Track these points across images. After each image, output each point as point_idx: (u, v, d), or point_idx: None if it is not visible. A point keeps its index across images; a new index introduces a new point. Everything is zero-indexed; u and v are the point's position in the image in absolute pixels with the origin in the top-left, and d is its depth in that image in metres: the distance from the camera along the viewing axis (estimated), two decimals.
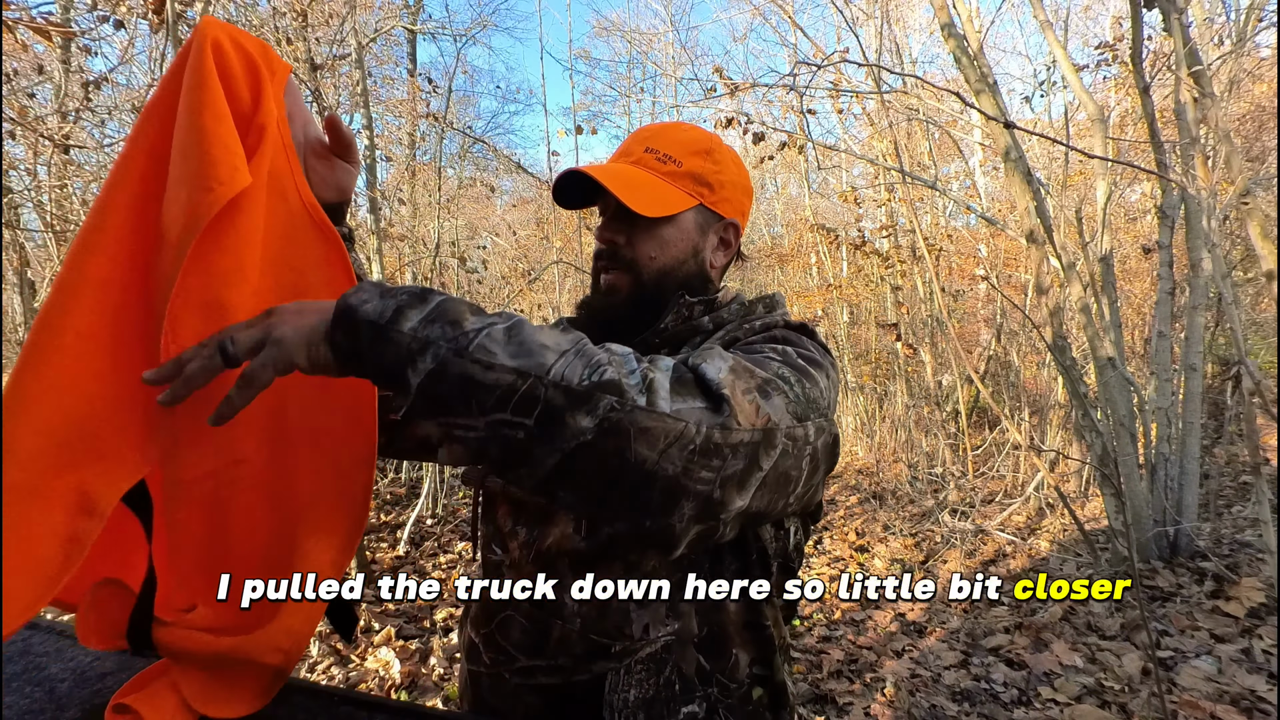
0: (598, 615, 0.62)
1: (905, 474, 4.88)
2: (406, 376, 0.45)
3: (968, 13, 3.07)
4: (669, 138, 0.73)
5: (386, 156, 6.41)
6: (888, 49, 5.84)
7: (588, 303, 0.77)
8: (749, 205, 0.79)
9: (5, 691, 0.57)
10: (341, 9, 3.72)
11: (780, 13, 5.77)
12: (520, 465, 0.46)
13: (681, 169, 0.72)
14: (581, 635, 0.62)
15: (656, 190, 0.70)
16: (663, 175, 0.71)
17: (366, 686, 2.21)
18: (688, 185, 0.72)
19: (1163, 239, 2.81)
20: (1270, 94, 4.58)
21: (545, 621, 0.64)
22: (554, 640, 0.63)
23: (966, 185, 6.72)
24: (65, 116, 3.36)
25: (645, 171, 0.71)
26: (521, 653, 0.64)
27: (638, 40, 11.46)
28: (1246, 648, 2.09)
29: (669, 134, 0.74)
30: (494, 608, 0.67)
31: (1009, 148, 2.77)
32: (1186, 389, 2.70)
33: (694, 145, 0.73)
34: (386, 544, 3.69)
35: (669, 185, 0.71)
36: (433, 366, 0.44)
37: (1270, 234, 2.43)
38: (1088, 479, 4.00)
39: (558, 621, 0.63)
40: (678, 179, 0.72)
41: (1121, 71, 4.06)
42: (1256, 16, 3.28)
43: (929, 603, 2.78)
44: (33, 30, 1.89)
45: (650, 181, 0.70)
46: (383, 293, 0.47)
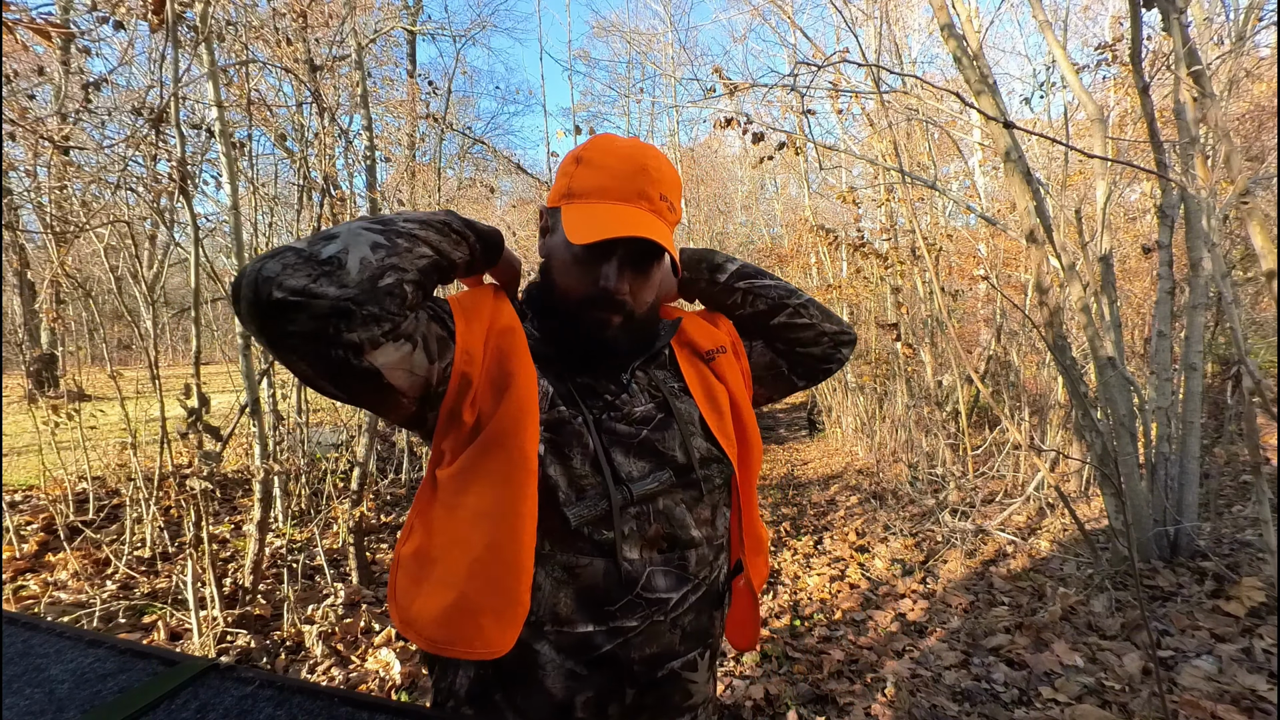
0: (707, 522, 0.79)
1: (905, 474, 4.88)
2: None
3: (967, 13, 3.07)
4: (669, 182, 0.75)
5: (386, 157, 6.41)
6: (887, 49, 5.84)
7: (568, 338, 0.76)
8: None
9: (5, 692, 0.57)
10: (341, 10, 3.72)
11: (780, 13, 5.77)
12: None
13: (675, 217, 0.77)
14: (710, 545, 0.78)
15: (672, 245, 0.73)
16: (669, 225, 0.75)
17: (367, 687, 2.21)
18: (673, 228, 0.78)
19: (1162, 239, 2.80)
20: (1270, 93, 4.57)
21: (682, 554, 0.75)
22: (693, 564, 0.75)
23: (966, 185, 6.72)
24: (65, 118, 3.36)
25: (664, 224, 0.74)
26: (675, 591, 0.73)
27: (637, 41, 11.46)
28: (1247, 647, 2.09)
29: (669, 176, 0.76)
30: (624, 574, 0.71)
31: (1009, 148, 2.77)
32: (1186, 389, 2.70)
33: (679, 188, 0.78)
34: (387, 544, 3.69)
35: (670, 234, 0.75)
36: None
37: (1270, 234, 2.43)
38: (1088, 479, 3.99)
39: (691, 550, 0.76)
40: (672, 227, 0.77)
41: (1121, 71, 4.06)
42: (1256, 16, 3.28)
43: (929, 602, 2.78)
44: (32, 31, 1.89)
45: (668, 237, 0.73)
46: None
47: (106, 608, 2.60)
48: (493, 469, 0.67)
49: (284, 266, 0.55)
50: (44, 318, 5.41)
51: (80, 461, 3.91)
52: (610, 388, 0.78)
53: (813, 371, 0.96)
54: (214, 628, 2.40)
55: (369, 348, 0.59)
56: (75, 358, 5.54)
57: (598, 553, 0.69)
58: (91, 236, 3.40)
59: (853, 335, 0.96)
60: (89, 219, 3.13)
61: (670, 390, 0.82)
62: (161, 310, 3.60)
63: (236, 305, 0.57)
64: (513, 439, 0.67)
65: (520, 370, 0.70)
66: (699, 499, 0.77)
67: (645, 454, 0.75)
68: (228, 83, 3.09)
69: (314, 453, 3.95)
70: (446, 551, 0.67)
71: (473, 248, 0.75)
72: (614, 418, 0.75)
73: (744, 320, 0.94)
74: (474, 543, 0.65)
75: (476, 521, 0.66)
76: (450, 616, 0.65)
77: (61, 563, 3.04)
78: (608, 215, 0.70)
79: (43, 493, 3.70)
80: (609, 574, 0.69)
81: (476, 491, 0.67)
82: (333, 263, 0.57)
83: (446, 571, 0.66)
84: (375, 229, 0.63)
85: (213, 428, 2.36)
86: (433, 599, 0.66)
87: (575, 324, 0.75)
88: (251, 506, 2.88)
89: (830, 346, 0.94)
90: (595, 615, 0.69)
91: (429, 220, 0.69)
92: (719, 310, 0.95)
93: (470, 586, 0.65)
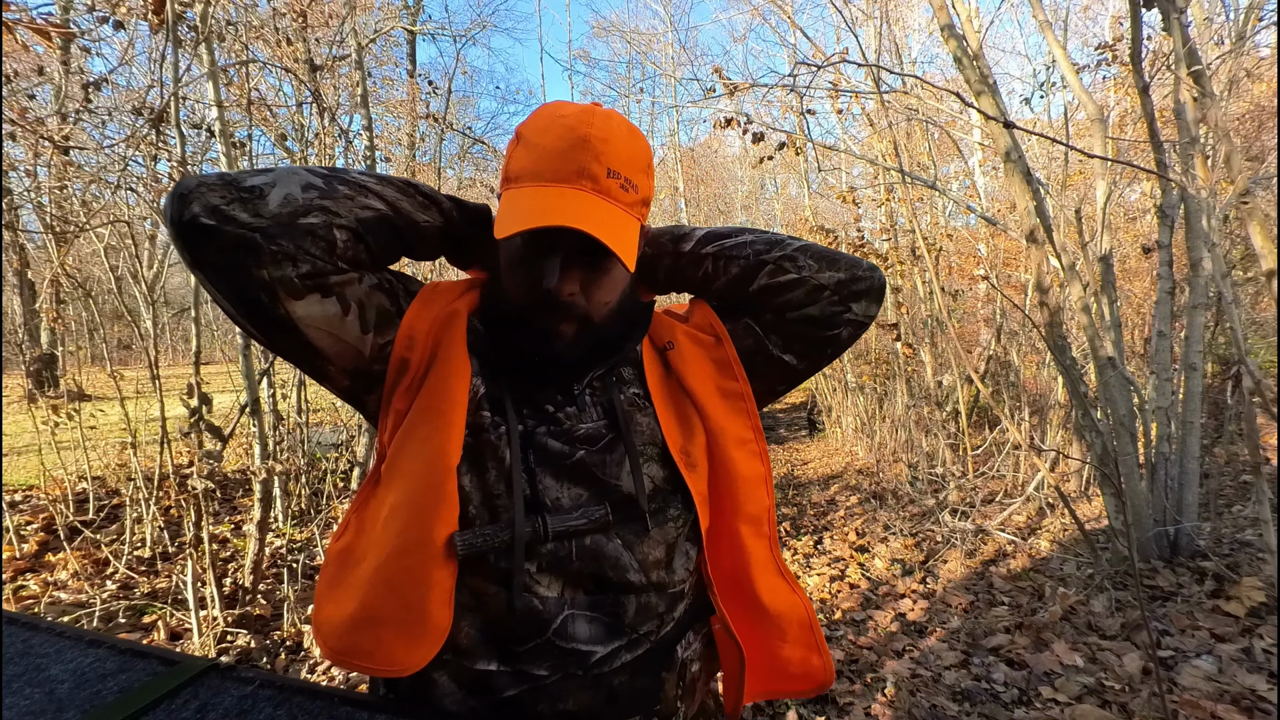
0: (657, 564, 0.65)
1: (905, 474, 4.88)
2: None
3: (967, 13, 3.07)
4: (625, 155, 0.61)
5: (386, 157, 6.41)
6: (887, 49, 5.84)
7: (515, 349, 0.66)
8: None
9: (5, 692, 0.57)
10: (341, 10, 3.72)
11: (780, 13, 5.77)
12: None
13: (638, 195, 0.63)
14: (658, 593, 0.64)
15: (629, 233, 0.61)
16: (626, 207, 0.62)
17: (366, 687, 2.20)
18: (638, 211, 0.64)
19: (1162, 238, 2.80)
20: (1270, 93, 4.57)
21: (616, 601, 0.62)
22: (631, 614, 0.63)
23: (966, 185, 6.72)
24: (65, 117, 3.36)
25: (616, 207, 0.60)
26: (596, 644, 0.61)
27: (637, 40, 11.46)
28: (1247, 647, 2.09)
29: (623, 148, 0.61)
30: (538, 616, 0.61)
31: (1009, 148, 2.77)
32: (1186, 388, 2.70)
33: (643, 161, 0.64)
34: None
35: (631, 220, 0.62)
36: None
37: (1270, 233, 2.43)
38: (1088, 479, 3.99)
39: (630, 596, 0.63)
40: (634, 208, 0.63)
41: (1121, 71, 4.06)
42: (1256, 16, 3.28)
43: (929, 601, 2.78)
44: (33, 31, 1.89)
45: (623, 223, 0.60)
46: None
47: (106, 608, 2.60)
48: (409, 466, 0.60)
49: (202, 185, 0.52)
50: (44, 318, 5.41)
51: (80, 461, 3.91)
52: (555, 398, 0.67)
53: (813, 343, 0.72)
54: (214, 628, 2.40)
55: (284, 293, 0.54)
56: (75, 358, 5.54)
57: (503, 583, 0.60)
58: (91, 236, 3.40)
59: (870, 279, 0.72)
60: (89, 219, 3.13)
61: (631, 399, 0.69)
62: (161, 310, 3.60)
63: (166, 223, 0.54)
64: (430, 431, 0.60)
65: (454, 358, 0.63)
66: (644, 536, 0.64)
67: (580, 480, 0.63)
68: (228, 83, 3.09)
69: (314, 453, 3.95)
70: (366, 551, 0.61)
71: (447, 214, 0.67)
72: (549, 433, 0.64)
73: (724, 295, 0.75)
74: (386, 545, 0.58)
75: (390, 521, 0.59)
76: (353, 625, 0.58)
77: (61, 563, 3.04)
78: (534, 201, 0.58)
79: (43, 493, 3.70)
80: (514, 610, 0.59)
81: (396, 488, 0.60)
82: (253, 191, 0.53)
83: (360, 575, 0.59)
84: (318, 173, 0.58)
85: (214, 427, 2.36)
86: (342, 604, 0.59)
87: (521, 334, 0.65)
88: (251, 506, 2.88)
89: (833, 302, 0.70)
90: (499, 653, 0.60)
91: (389, 178, 0.63)
92: (692, 290, 0.77)
93: (373, 594, 0.57)
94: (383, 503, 0.61)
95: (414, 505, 0.58)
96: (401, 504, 0.58)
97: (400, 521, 0.58)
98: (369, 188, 0.60)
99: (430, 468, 0.58)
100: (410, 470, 0.59)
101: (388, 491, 0.61)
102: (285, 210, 0.54)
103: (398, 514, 0.58)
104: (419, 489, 0.58)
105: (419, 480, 0.58)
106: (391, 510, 0.59)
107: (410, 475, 0.59)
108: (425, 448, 0.59)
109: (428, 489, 0.58)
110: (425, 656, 0.57)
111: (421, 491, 0.58)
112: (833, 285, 0.70)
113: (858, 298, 0.71)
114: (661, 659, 0.65)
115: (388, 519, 0.59)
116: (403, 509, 0.58)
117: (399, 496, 0.59)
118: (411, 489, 0.59)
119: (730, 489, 0.68)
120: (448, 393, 0.61)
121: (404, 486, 0.59)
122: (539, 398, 0.66)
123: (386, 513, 0.59)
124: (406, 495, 0.59)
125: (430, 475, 0.58)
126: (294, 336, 0.57)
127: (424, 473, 0.58)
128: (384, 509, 0.60)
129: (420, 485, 0.58)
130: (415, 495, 0.58)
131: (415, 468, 0.59)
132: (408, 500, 0.58)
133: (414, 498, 0.58)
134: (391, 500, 0.60)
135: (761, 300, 0.72)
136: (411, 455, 0.60)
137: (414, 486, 0.59)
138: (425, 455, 0.59)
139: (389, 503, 0.60)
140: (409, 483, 0.59)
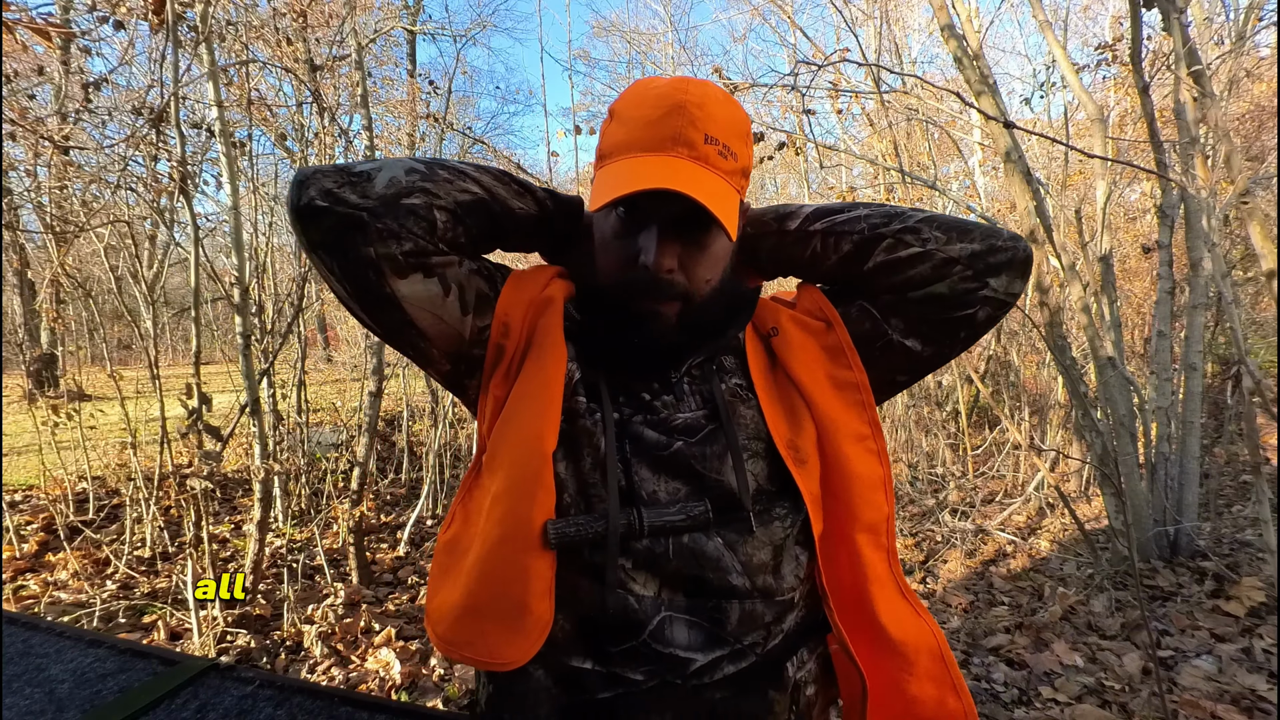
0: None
1: (905, 474, 4.88)
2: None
3: (967, 13, 3.07)
4: (722, 120, 0.59)
5: (386, 157, 6.40)
6: (887, 49, 5.84)
7: (612, 334, 0.64)
8: None
9: (6, 692, 0.57)
10: (341, 10, 3.72)
11: (780, 13, 5.78)
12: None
13: (737, 163, 0.60)
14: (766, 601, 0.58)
15: (729, 201, 0.58)
16: (725, 175, 0.59)
17: (367, 687, 2.21)
18: (738, 182, 0.61)
19: (1162, 238, 2.80)
20: (1270, 93, 4.57)
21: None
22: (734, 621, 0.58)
23: (966, 185, 6.72)
24: (65, 117, 3.36)
25: (716, 176, 0.58)
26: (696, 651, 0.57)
27: (637, 40, 11.46)
28: (1247, 647, 2.09)
29: (720, 113, 0.59)
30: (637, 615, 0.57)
31: (1009, 148, 2.77)
32: (1186, 388, 2.70)
33: (741, 127, 0.61)
34: (387, 544, 3.69)
35: (730, 189, 0.59)
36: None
37: (1270, 233, 2.43)
38: (1088, 479, 3.99)
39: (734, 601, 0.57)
40: (733, 177, 0.60)
41: (1121, 71, 4.06)
42: (1256, 16, 3.28)
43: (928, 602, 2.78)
44: (32, 31, 1.89)
45: (723, 190, 0.57)
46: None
47: (106, 608, 2.60)
48: (507, 454, 0.59)
49: (318, 172, 0.56)
50: (44, 318, 5.41)
51: (80, 461, 3.91)
52: (652, 385, 0.64)
53: (941, 325, 0.64)
54: (214, 628, 2.40)
55: (389, 270, 0.56)
56: (75, 358, 5.54)
57: (597, 578, 0.57)
58: (91, 236, 3.40)
59: (1013, 249, 0.62)
60: (89, 219, 3.13)
61: (733, 390, 0.65)
62: (161, 310, 3.60)
63: (286, 209, 0.58)
64: (527, 418, 0.59)
65: (549, 344, 0.62)
66: (748, 537, 0.59)
67: (678, 472, 0.60)
68: (228, 83, 3.09)
69: (314, 453, 3.95)
70: (471, 542, 0.60)
71: (540, 203, 0.66)
72: (645, 422, 0.61)
73: (835, 275, 0.68)
74: (487, 534, 0.58)
75: (492, 509, 0.58)
76: (459, 614, 0.58)
77: (61, 563, 3.05)
78: (631, 170, 0.56)
79: (43, 493, 3.70)
80: (609, 607, 0.57)
81: (498, 476, 0.59)
82: (362, 175, 0.57)
83: (466, 564, 0.59)
84: (420, 161, 0.60)
85: (213, 428, 2.36)
86: (449, 593, 0.59)
87: (620, 318, 0.62)
88: (251, 506, 2.88)
89: (966, 277, 0.61)
90: (593, 651, 0.58)
91: (486, 166, 0.64)
92: (799, 272, 0.71)
93: (476, 583, 0.57)
94: (486, 491, 0.61)
95: (513, 493, 0.57)
96: (502, 492, 0.58)
97: (501, 509, 0.57)
98: (466, 173, 0.62)
99: (527, 454, 0.57)
100: (509, 458, 0.59)
101: (490, 480, 0.61)
102: (390, 191, 0.56)
103: (499, 502, 0.58)
104: (517, 477, 0.57)
105: (517, 468, 0.58)
106: (494, 499, 0.58)
107: (509, 463, 0.59)
108: (522, 434, 0.59)
109: (525, 476, 0.57)
110: (527, 651, 0.55)
111: (520, 479, 0.57)
112: (965, 258, 0.61)
113: (996, 271, 0.62)
114: (769, 676, 0.59)
115: (490, 507, 0.58)
116: (504, 497, 0.58)
117: (500, 485, 0.58)
118: (511, 477, 0.58)
119: (845, 491, 0.62)
120: (544, 379, 0.60)
121: (504, 475, 0.59)
122: (635, 385, 0.64)
123: (489, 501, 0.59)
124: (506, 484, 0.58)
125: (528, 462, 0.57)
126: (397, 314, 0.59)
127: (522, 460, 0.58)
128: (487, 498, 0.60)
129: (518, 473, 0.57)
130: (514, 483, 0.57)
131: (513, 455, 0.59)
132: (507, 489, 0.58)
133: (513, 486, 0.57)
134: (494, 489, 0.59)
135: (878, 279, 0.65)
136: (510, 442, 0.60)
137: (513, 474, 0.58)
138: (522, 442, 0.58)
139: (491, 491, 0.59)
140: (508, 470, 0.58)
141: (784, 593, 0.60)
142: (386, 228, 0.55)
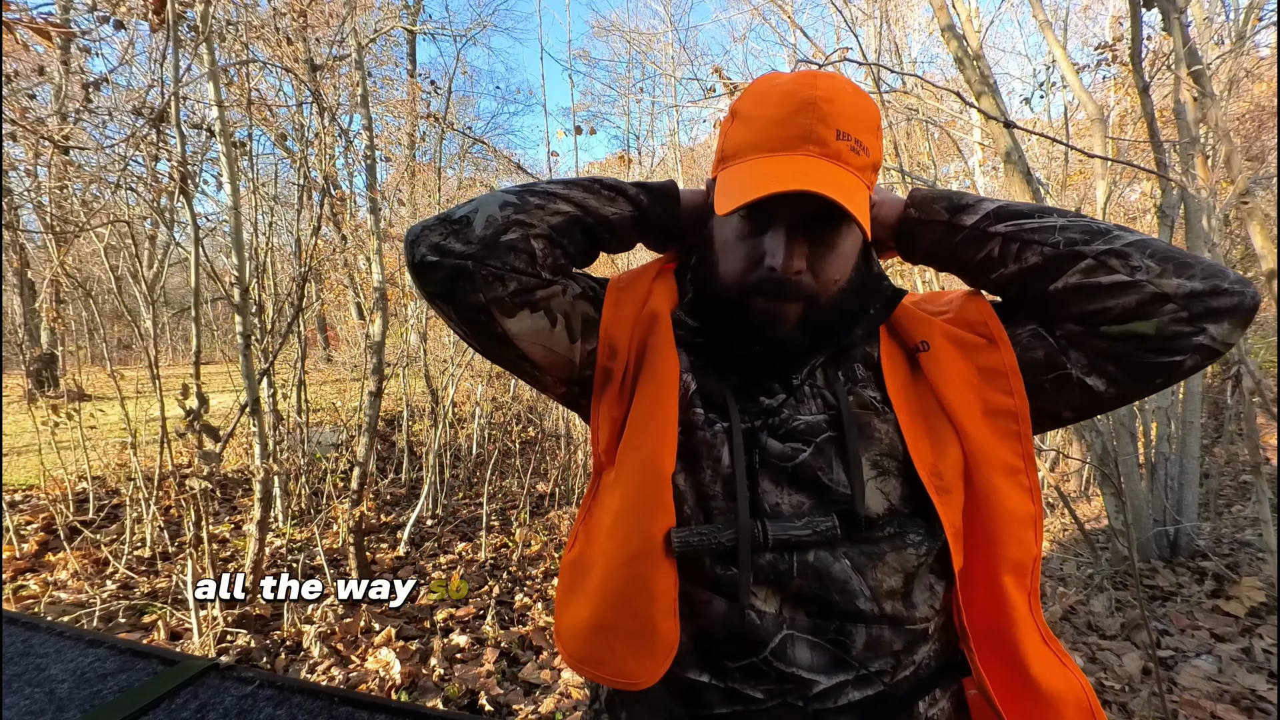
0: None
1: None
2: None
3: (967, 13, 3.07)
4: (853, 114, 0.56)
5: (386, 157, 6.42)
6: (887, 49, 5.84)
7: (731, 338, 0.62)
8: None
9: (6, 692, 0.57)
10: (341, 9, 3.72)
11: (780, 13, 5.78)
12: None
13: (869, 159, 0.57)
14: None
15: (863, 200, 0.54)
16: (857, 172, 0.56)
17: (367, 687, 2.21)
18: (869, 178, 0.58)
19: (1162, 238, 2.81)
20: (1270, 93, 4.58)
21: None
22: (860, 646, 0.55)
23: (966, 185, 6.72)
24: (65, 117, 3.36)
25: (848, 172, 0.55)
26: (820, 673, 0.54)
27: (637, 40, 11.45)
28: (1247, 647, 2.09)
29: (851, 107, 0.56)
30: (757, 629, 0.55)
31: (1009, 148, 2.77)
32: (1186, 389, 2.70)
33: (872, 120, 0.58)
34: (387, 544, 3.69)
35: (863, 186, 0.56)
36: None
37: (1270, 233, 2.43)
38: (1088, 479, 3.99)
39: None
40: (864, 173, 0.57)
41: (1121, 71, 4.06)
42: (1256, 16, 3.28)
43: None
44: (33, 31, 1.89)
45: (856, 189, 0.54)
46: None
47: (106, 608, 2.60)
48: (627, 474, 0.59)
49: (424, 227, 0.60)
50: (44, 318, 5.41)
51: (80, 461, 3.91)
52: (772, 387, 0.61)
53: (1137, 370, 0.56)
54: (214, 627, 2.40)
55: (498, 313, 0.59)
56: (75, 358, 5.54)
57: (718, 590, 0.56)
58: (91, 236, 3.40)
59: (1241, 295, 0.53)
60: (89, 219, 3.13)
61: (867, 402, 0.60)
62: (161, 310, 3.61)
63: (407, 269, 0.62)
64: (644, 439, 0.59)
65: (660, 361, 0.61)
66: (878, 560, 0.55)
67: (802, 485, 0.57)
68: (228, 83, 3.09)
69: (314, 453, 3.96)
70: (594, 560, 0.60)
71: (635, 201, 0.66)
72: (766, 428, 0.59)
73: (1008, 287, 0.61)
74: (611, 554, 0.58)
75: (614, 529, 0.58)
76: (589, 633, 0.58)
77: (61, 563, 3.05)
78: (760, 172, 0.54)
79: (43, 493, 3.70)
80: (729, 622, 0.55)
81: (619, 495, 0.59)
82: (462, 221, 0.59)
83: (591, 583, 0.59)
84: (512, 190, 0.62)
85: (212, 428, 2.36)
86: (578, 611, 0.60)
87: (740, 320, 0.60)
88: (251, 506, 2.88)
89: (1180, 320, 0.53)
90: (711, 665, 0.57)
91: (574, 180, 0.65)
92: (961, 272, 0.64)
93: (603, 603, 0.57)
94: (607, 510, 0.61)
95: (634, 513, 0.57)
96: (624, 512, 0.58)
97: (624, 529, 0.57)
98: (556, 194, 0.63)
99: (646, 476, 0.57)
100: (629, 478, 0.59)
101: (611, 499, 0.61)
102: (489, 232, 0.59)
103: (621, 522, 0.58)
104: (638, 497, 0.57)
105: (637, 489, 0.58)
106: (615, 518, 0.59)
107: (629, 483, 0.59)
108: (640, 455, 0.59)
109: (645, 497, 0.57)
110: (655, 671, 0.55)
111: (640, 500, 0.57)
112: (1182, 296, 0.53)
113: (1216, 317, 0.52)
114: (898, 710, 0.56)
115: (611, 527, 0.59)
116: (625, 517, 0.58)
117: (621, 504, 0.59)
118: (630, 496, 0.58)
119: (991, 527, 0.56)
120: (659, 398, 0.60)
121: (624, 494, 0.59)
122: (754, 389, 0.61)
123: (610, 520, 0.59)
124: (625, 504, 0.58)
125: (647, 484, 0.57)
126: (512, 349, 0.62)
127: (641, 480, 0.57)
128: (608, 517, 0.60)
129: (639, 494, 0.57)
130: (635, 503, 0.57)
131: (633, 476, 0.59)
132: (628, 508, 0.58)
133: (633, 506, 0.57)
134: (615, 508, 0.59)
135: (1065, 303, 0.57)
136: (629, 463, 0.60)
137: (633, 495, 0.58)
138: (641, 463, 0.58)
139: (612, 510, 0.60)
140: (629, 490, 0.59)
141: (916, 622, 0.56)
142: (490, 271, 0.58)
